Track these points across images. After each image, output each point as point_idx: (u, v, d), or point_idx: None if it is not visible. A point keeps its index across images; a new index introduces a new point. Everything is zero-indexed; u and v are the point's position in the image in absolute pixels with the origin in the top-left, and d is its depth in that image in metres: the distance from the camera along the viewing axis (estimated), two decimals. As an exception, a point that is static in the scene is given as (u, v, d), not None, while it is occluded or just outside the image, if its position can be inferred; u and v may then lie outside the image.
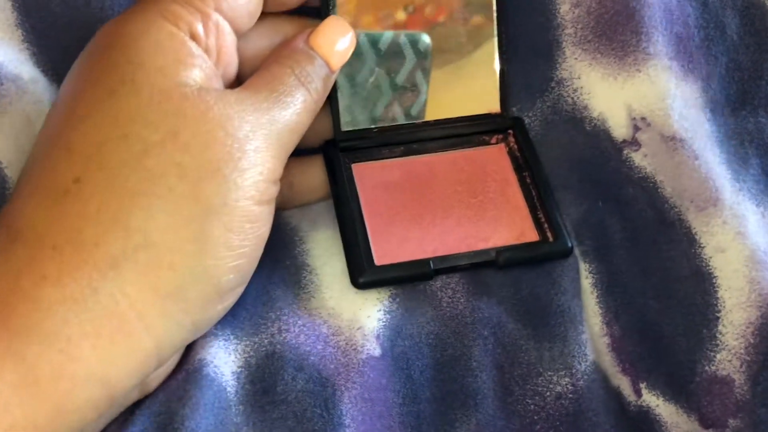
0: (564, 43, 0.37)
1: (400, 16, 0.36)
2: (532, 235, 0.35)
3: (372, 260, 0.33)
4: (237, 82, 0.32)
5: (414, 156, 0.37)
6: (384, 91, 0.36)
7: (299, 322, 0.32)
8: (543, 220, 0.35)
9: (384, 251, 0.33)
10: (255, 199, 0.28)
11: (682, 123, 0.35)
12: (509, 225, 0.35)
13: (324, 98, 0.32)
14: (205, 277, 0.27)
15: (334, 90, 0.35)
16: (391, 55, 0.36)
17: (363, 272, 0.32)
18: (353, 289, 0.33)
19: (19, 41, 0.34)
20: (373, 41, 0.36)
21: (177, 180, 0.26)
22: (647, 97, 0.36)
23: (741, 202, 0.35)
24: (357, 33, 0.35)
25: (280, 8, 0.33)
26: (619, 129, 0.36)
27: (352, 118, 0.36)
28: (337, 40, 0.33)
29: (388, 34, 0.36)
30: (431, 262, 0.33)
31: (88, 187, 0.26)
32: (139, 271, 0.26)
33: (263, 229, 0.29)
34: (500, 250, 0.33)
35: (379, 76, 0.36)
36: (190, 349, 0.30)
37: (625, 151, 0.36)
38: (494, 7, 0.36)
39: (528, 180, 0.36)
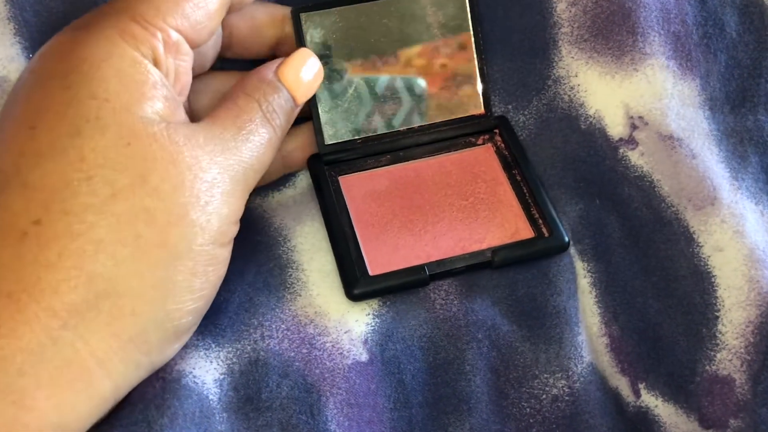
0: (560, 41, 0.37)
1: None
2: (526, 233, 0.34)
3: (366, 271, 0.32)
4: (188, 102, 0.32)
5: (401, 163, 0.37)
6: (364, 101, 0.36)
7: (283, 326, 0.31)
8: (537, 216, 0.35)
9: (377, 261, 0.33)
10: (218, 242, 0.28)
11: (679, 122, 0.35)
12: (503, 224, 0.35)
13: (285, 132, 0.32)
14: (166, 321, 0.27)
15: (314, 104, 0.36)
16: (388, 99, 0.37)
17: (357, 283, 0.32)
18: (341, 285, 0.33)
19: (11, 35, 0.33)
20: (370, 85, 0.36)
21: (144, 226, 0.26)
22: (644, 96, 0.36)
23: (739, 200, 0.35)
24: (354, 77, 0.36)
25: (235, 10, 0.33)
26: (616, 127, 0.36)
27: (335, 131, 0.36)
28: (305, 73, 0.33)
29: (384, 78, 0.36)
30: (426, 267, 0.32)
31: (49, 231, 0.25)
32: (102, 320, 0.25)
33: (222, 270, 0.29)
34: (495, 250, 0.33)
35: (358, 86, 0.36)
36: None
37: (621, 150, 0.36)
38: (468, 9, 0.37)
39: (518, 177, 0.36)
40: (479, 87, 0.37)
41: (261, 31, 0.35)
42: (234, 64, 0.36)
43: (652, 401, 0.33)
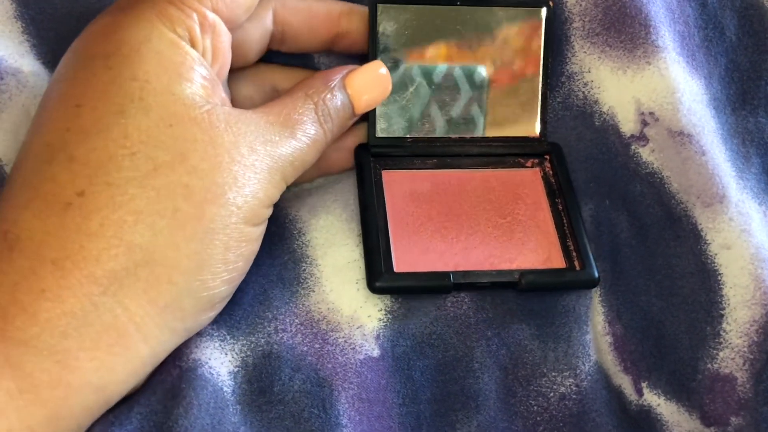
0: (572, 37, 0.37)
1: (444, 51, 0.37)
2: (558, 262, 0.34)
3: (391, 266, 0.33)
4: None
5: (446, 169, 0.37)
6: (423, 97, 0.36)
7: (296, 321, 0.32)
8: (572, 248, 0.35)
9: (404, 259, 0.33)
10: (252, 222, 0.29)
11: (690, 118, 0.35)
12: (536, 249, 0.35)
13: (336, 137, 0.33)
14: (201, 290, 0.28)
15: None
16: (445, 88, 0.37)
17: (380, 276, 0.32)
18: (354, 282, 0.33)
19: (19, 33, 0.34)
20: (427, 73, 0.36)
21: (182, 201, 0.27)
22: (657, 90, 0.36)
23: (745, 200, 0.35)
24: (410, 65, 0.36)
25: None
26: (628, 124, 0.37)
27: (388, 125, 0.36)
28: (372, 87, 0.34)
29: (442, 67, 0.36)
30: (452, 275, 0.32)
31: (92, 202, 0.26)
32: (140, 287, 0.27)
33: (255, 246, 0.30)
34: (524, 273, 0.33)
35: (419, 85, 0.36)
36: (185, 347, 0.31)
37: (632, 147, 0.36)
38: (542, 33, 0.37)
39: (560, 207, 0.36)
40: (539, 110, 0.37)
41: (316, 26, 0.35)
42: (287, 58, 0.37)
43: (654, 400, 0.33)
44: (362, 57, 0.36)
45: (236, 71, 0.34)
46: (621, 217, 0.36)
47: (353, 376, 0.31)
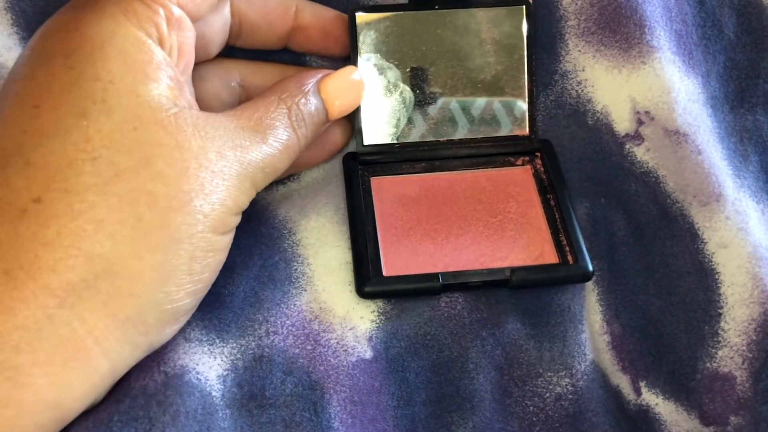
0: (567, 35, 0.37)
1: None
2: (551, 258, 0.34)
3: (380, 270, 0.33)
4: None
5: (435, 173, 0.37)
6: (409, 107, 0.37)
7: (288, 322, 0.32)
8: (564, 243, 0.34)
9: (393, 263, 0.33)
10: (219, 230, 0.28)
11: (686, 117, 0.35)
12: (528, 246, 0.34)
13: (309, 143, 0.32)
14: (165, 302, 0.27)
15: None
16: (430, 92, 0.37)
17: (368, 281, 0.32)
18: (347, 283, 0.33)
19: (8, 25, 0.34)
20: (411, 79, 0.36)
21: (146, 208, 0.26)
22: (652, 90, 0.36)
23: (742, 198, 0.35)
24: (393, 72, 0.36)
25: None
26: (622, 123, 0.37)
27: (375, 132, 0.37)
28: (346, 92, 0.33)
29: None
30: (440, 276, 0.32)
31: (48, 209, 0.25)
32: (99, 299, 0.25)
33: (222, 256, 0.29)
34: (515, 270, 0.33)
35: (404, 92, 0.36)
36: (171, 352, 0.30)
37: (627, 146, 0.37)
38: (524, 30, 0.37)
39: (552, 203, 0.36)
40: (526, 108, 0.37)
41: (272, 21, 0.35)
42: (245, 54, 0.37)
43: (652, 399, 0.33)
44: (346, 59, 0.36)
45: (201, 66, 0.34)
46: (617, 216, 0.36)
47: (345, 379, 0.31)
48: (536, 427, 0.32)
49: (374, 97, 0.36)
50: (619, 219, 0.36)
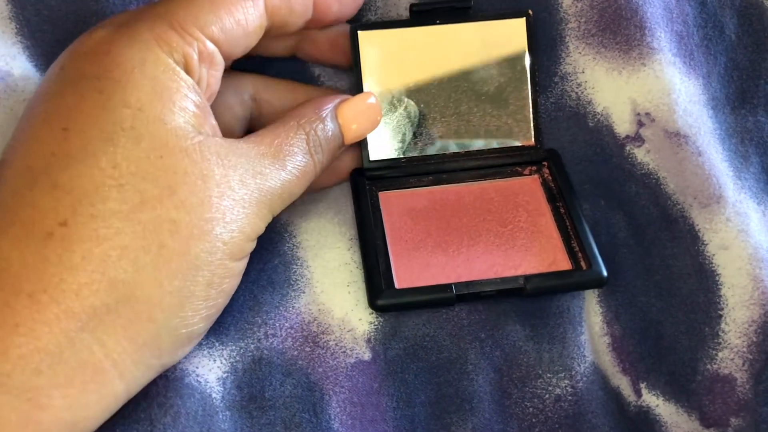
0: (567, 37, 0.38)
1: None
2: (564, 264, 0.34)
3: (392, 283, 0.33)
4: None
5: (443, 185, 0.37)
6: (413, 121, 0.37)
7: (286, 324, 0.32)
8: (577, 249, 0.34)
9: (405, 276, 0.33)
10: (236, 257, 0.29)
11: (686, 119, 0.36)
12: (540, 254, 0.34)
13: (325, 168, 0.33)
14: (180, 327, 0.28)
15: None
16: (435, 106, 0.37)
17: (381, 294, 0.32)
18: (345, 284, 0.34)
19: (12, 34, 0.34)
20: (415, 94, 0.37)
21: (169, 236, 0.26)
22: (652, 91, 0.36)
23: (743, 200, 0.36)
24: (397, 87, 0.37)
25: (282, 32, 0.33)
26: (623, 125, 0.37)
27: (381, 148, 0.37)
28: (363, 117, 0.33)
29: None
30: (453, 287, 0.32)
31: (74, 233, 0.25)
32: (119, 324, 0.26)
33: (236, 281, 0.30)
34: (529, 277, 0.33)
35: (409, 106, 0.37)
36: None
37: (627, 147, 0.37)
38: (525, 39, 0.37)
39: (562, 210, 0.36)
40: (531, 119, 0.37)
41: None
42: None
43: (653, 401, 0.33)
44: (351, 70, 0.36)
45: None
46: (617, 217, 0.36)
47: (344, 380, 0.31)
48: (536, 429, 0.32)
49: (380, 120, 0.36)
50: (620, 220, 0.36)
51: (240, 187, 0.28)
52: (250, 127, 0.36)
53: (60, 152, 0.26)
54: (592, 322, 0.34)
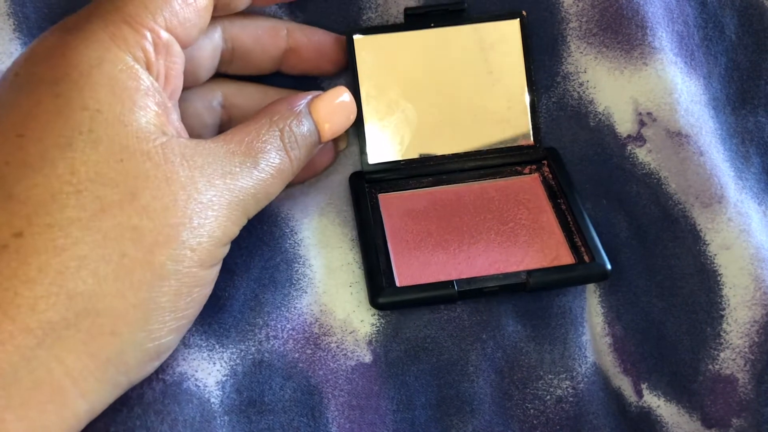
0: (569, 37, 0.38)
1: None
2: (567, 259, 0.34)
3: (393, 281, 0.33)
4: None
5: (443, 186, 0.37)
6: (411, 124, 0.37)
7: (288, 326, 0.32)
8: (579, 244, 0.34)
9: (406, 274, 0.33)
10: (206, 264, 0.27)
11: (688, 118, 0.36)
12: (542, 250, 0.34)
13: (302, 166, 0.31)
14: (147, 341, 0.26)
15: (360, 123, 0.36)
16: (432, 108, 0.37)
17: (382, 293, 0.32)
18: (348, 285, 0.34)
19: (10, 31, 0.34)
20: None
21: (131, 244, 0.25)
22: (654, 91, 0.36)
23: (744, 200, 0.36)
24: (394, 90, 0.36)
25: (226, 12, 0.32)
26: (624, 124, 0.37)
27: (379, 151, 0.37)
28: (337, 114, 0.32)
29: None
30: (455, 283, 0.32)
31: (30, 245, 0.24)
32: (80, 339, 0.24)
33: (208, 290, 0.28)
34: (531, 272, 0.32)
35: (406, 109, 0.37)
36: (170, 359, 0.30)
37: (629, 147, 0.37)
38: (521, 42, 0.37)
39: (563, 206, 0.36)
40: (529, 118, 0.38)
41: (264, 44, 0.35)
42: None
43: (654, 401, 0.33)
44: (338, 78, 0.37)
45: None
46: (619, 217, 0.36)
47: (344, 383, 0.31)
48: (537, 430, 0.32)
49: (377, 117, 0.37)
50: (621, 220, 0.36)
51: (207, 188, 0.27)
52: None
53: (15, 161, 0.25)
54: (593, 322, 0.34)
